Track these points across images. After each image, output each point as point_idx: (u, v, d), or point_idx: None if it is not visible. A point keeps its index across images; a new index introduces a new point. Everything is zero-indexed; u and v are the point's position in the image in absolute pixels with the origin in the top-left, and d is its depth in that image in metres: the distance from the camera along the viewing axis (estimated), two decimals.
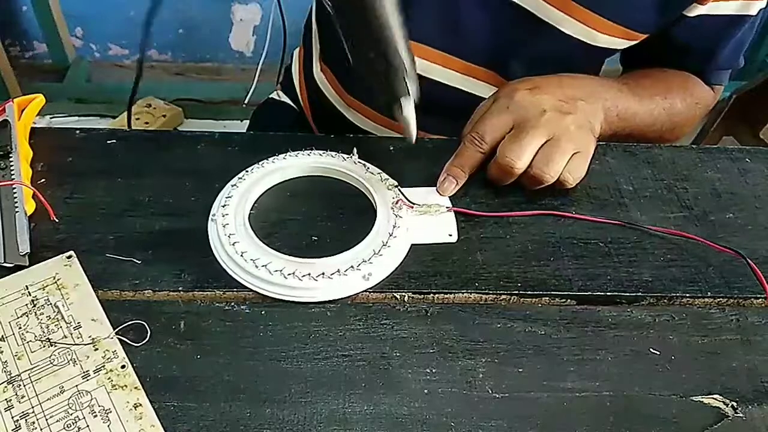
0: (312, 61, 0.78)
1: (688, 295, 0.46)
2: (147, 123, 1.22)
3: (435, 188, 0.52)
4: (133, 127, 1.07)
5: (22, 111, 0.52)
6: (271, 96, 0.90)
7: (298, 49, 0.86)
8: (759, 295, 0.45)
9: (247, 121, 0.93)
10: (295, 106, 0.85)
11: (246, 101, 1.69)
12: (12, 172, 0.48)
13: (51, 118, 0.87)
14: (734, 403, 0.40)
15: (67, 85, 1.83)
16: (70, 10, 1.83)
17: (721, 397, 0.40)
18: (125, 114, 1.12)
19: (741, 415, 0.39)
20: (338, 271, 0.44)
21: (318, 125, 0.81)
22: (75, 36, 1.92)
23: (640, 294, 0.45)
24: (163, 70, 1.94)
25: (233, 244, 0.45)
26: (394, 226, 0.47)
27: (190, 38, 1.89)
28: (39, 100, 0.53)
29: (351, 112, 0.73)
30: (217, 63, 1.96)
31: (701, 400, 0.40)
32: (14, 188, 0.47)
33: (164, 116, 1.41)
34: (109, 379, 0.38)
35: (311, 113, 0.82)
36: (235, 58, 1.96)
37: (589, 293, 0.45)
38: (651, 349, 0.43)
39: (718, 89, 0.70)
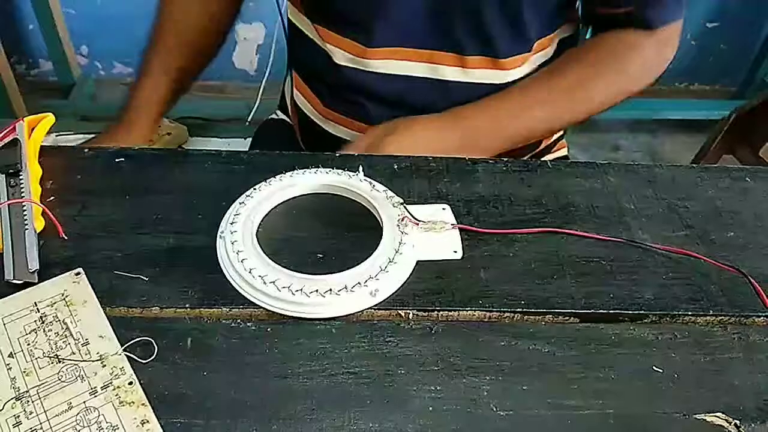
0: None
1: (690, 313, 0.46)
2: (152, 141, 1.24)
3: (440, 205, 0.52)
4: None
5: (32, 130, 0.53)
6: (271, 116, 0.91)
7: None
8: (761, 314, 0.46)
9: (251, 139, 0.94)
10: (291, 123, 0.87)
11: (249, 119, 1.70)
12: (22, 190, 0.48)
13: (57, 135, 0.88)
14: (737, 422, 0.40)
15: (72, 102, 1.84)
16: (75, 28, 1.85)
17: (724, 416, 0.40)
18: None
19: None
20: (345, 287, 0.45)
21: (304, 142, 0.83)
22: (80, 54, 1.94)
23: (642, 312, 0.46)
24: None
25: (242, 261, 0.45)
26: (400, 243, 0.48)
27: None
28: (49, 119, 0.54)
29: (329, 124, 0.75)
30: (221, 81, 1.98)
31: (704, 418, 0.40)
32: (24, 206, 0.47)
33: (169, 134, 1.43)
34: (116, 395, 0.39)
35: (299, 130, 0.83)
36: (239, 76, 1.98)
37: (592, 311, 0.46)
38: (654, 367, 0.43)
39: (670, 29, 0.68)
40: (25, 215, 0.47)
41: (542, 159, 0.80)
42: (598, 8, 0.69)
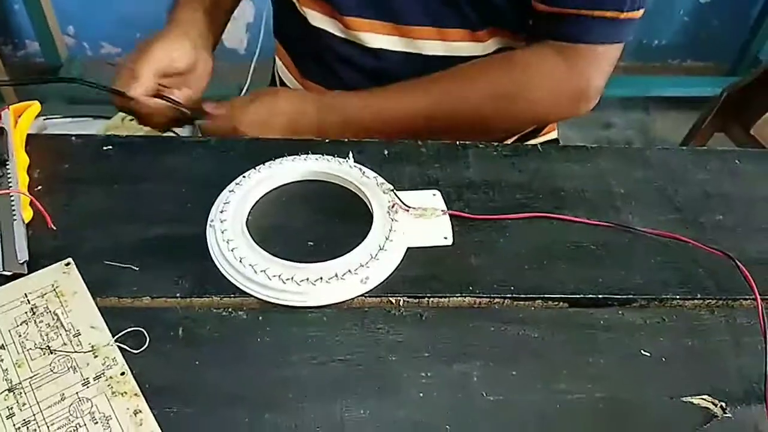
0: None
1: (678, 297, 0.46)
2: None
3: (430, 191, 0.52)
4: (127, 127, 1.07)
5: (18, 118, 0.53)
6: None
7: None
8: (748, 297, 0.46)
9: None
10: None
11: None
12: (9, 180, 0.48)
13: (44, 119, 0.87)
14: (723, 404, 0.41)
15: (60, 84, 1.82)
16: (62, 8, 1.82)
17: (710, 398, 0.41)
18: (119, 115, 1.12)
19: (730, 415, 0.40)
20: (336, 275, 0.45)
21: None
22: (67, 34, 1.91)
23: (631, 296, 0.46)
24: None
25: (232, 250, 0.45)
26: (390, 230, 0.48)
27: None
28: (35, 107, 0.54)
29: None
30: None
31: (691, 401, 0.41)
32: (11, 196, 0.47)
33: None
34: (109, 386, 0.39)
35: None
36: (229, 56, 1.95)
37: (582, 296, 0.46)
38: (642, 351, 0.43)
39: (593, 50, 0.61)
40: (13, 206, 0.46)
41: (532, 142, 0.81)
42: (535, 2, 0.62)
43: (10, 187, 0.47)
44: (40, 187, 0.50)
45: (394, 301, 0.45)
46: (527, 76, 0.64)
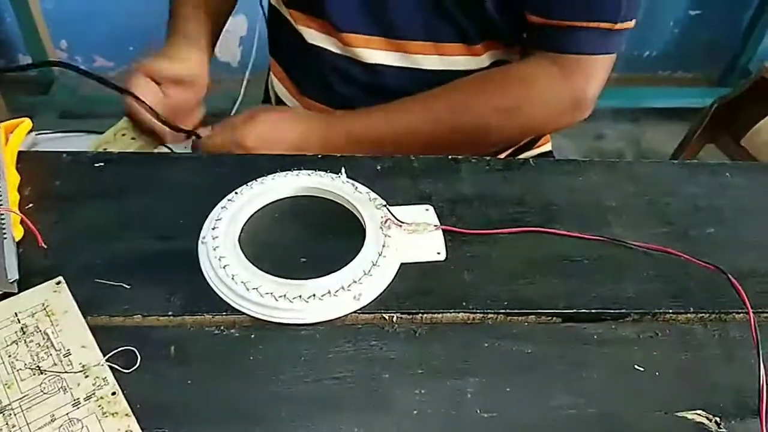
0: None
1: (671, 311, 0.47)
2: (134, 139, 1.23)
3: (423, 206, 0.52)
4: (119, 143, 1.06)
5: (9, 135, 0.52)
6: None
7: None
8: (740, 310, 0.46)
9: None
10: None
11: (233, 113, 1.69)
12: None
13: (36, 135, 0.86)
14: (717, 419, 0.41)
15: (52, 97, 1.82)
16: (54, 21, 1.82)
17: (704, 413, 0.41)
18: (111, 130, 1.12)
19: (724, 430, 0.40)
20: (329, 292, 0.45)
21: None
22: (60, 48, 1.91)
23: (624, 311, 0.46)
24: None
25: (224, 267, 0.45)
26: (383, 246, 0.48)
27: None
28: (26, 124, 0.53)
29: None
30: None
31: (685, 415, 0.41)
32: (2, 215, 0.47)
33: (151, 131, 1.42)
34: (99, 406, 0.39)
35: None
36: (222, 69, 1.96)
37: (574, 311, 0.46)
38: (636, 366, 0.43)
39: (587, 60, 0.62)
40: (3, 224, 0.46)
41: (525, 155, 0.81)
42: (530, 14, 0.63)
43: (1, 205, 0.47)
44: (31, 205, 0.50)
45: (387, 318, 0.45)
46: (526, 89, 0.65)
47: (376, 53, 0.68)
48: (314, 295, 0.44)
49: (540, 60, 0.64)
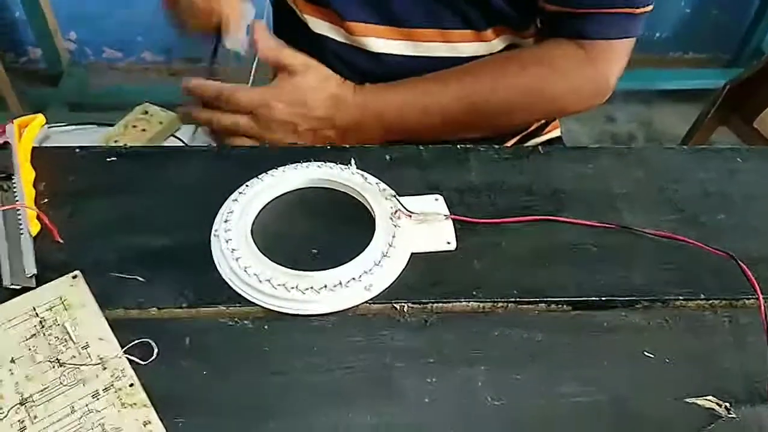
0: None
1: (681, 297, 0.47)
2: (144, 130, 1.23)
3: (432, 196, 0.53)
4: (129, 135, 1.07)
5: (23, 131, 0.53)
6: None
7: None
8: (751, 296, 0.46)
9: None
10: None
11: None
12: (15, 194, 0.48)
13: (48, 128, 0.87)
14: (728, 404, 0.41)
15: (62, 89, 1.83)
16: (63, 13, 1.83)
17: (714, 399, 0.41)
18: (122, 122, 1.12)
19: (734, 415, 0.40)
20: (340, 282, 0.45)
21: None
22: (69, 40, 1.91)
23: (634, 298, 0.46)
24: (157, 73, 1.94)
25: (236, 260, 0.46)
26: (393, 236, 0.48)
27: (183, 39, 1.89)
28: (39, 119, 0.54)
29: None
30: None
31: (695, 401, 0.41)
32: (18, 210, 0.47)
33: (161, 123, 1.42)
34: (118, 397, 0.39)
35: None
36: (230, 58, 1.96)
37: (584, 298, 0.46)
38: (646, 353, 0.44)
39: (611, 45, 0.64)
40: (20, 220, 0.47)
41: (534, 142, 0.81)
42: (545, 4, 0.64)
43: (16, 201, 0.48)
44: (46, 200, 0.51)
45: (398, 308, 0.45)
46: (553, 71, 0.65)
47: (381, 42, 0.67)
48: (326, 286, 0.45)
49: (566, 44, 0.65)
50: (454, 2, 0.64)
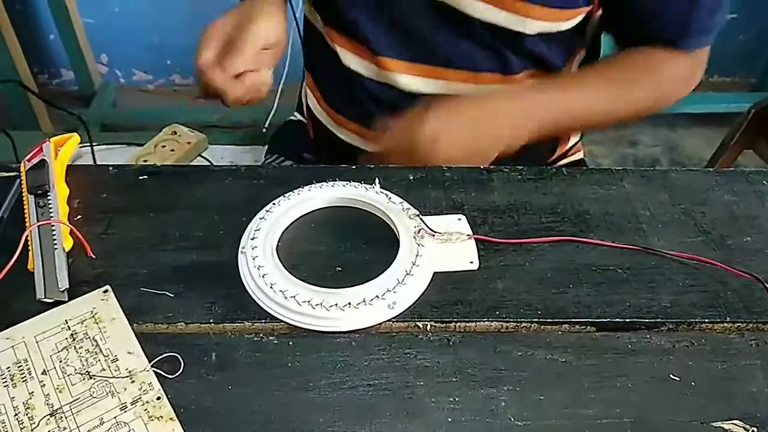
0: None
1: (707, 320, 0.46)
2: (173, 150, 1.27)
3: (456, 216, 0.53)
4: (158, 155, 1.10)
5: (59, 150, 0.55)
6: (289, 117, 0.93)
7: None
8: None
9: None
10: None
11: (266, 124, 1.72)
12: (50, 210, 0.50)
13: (80, 147, 0.89)
14: (755, 429, 0.40)
15: (93, 110, 1.87)
16: (95, 37, 1.88)
17: (741, 423, 0.41)
18: (151, 141, 1.15)
19: None
20: (364, 300, 0.46)
21: (318, 145, 0.84)
22: (101, 63, 1.97)
23: (659, 320, 0.46)
24: (185, 95, 1.98)
25: (263, 276, 0.47)
26: (416, 255, 0.49)
27: None
28: (75, 138, 0.56)
29: (340, 130, 0.76)
30: None
31: (722, 425, 0.41)
32: (53, 226, 0.49)
33: (189, 143, 1.46)
34: (145, 410, 0.40)
35: (312, 133, 0.84)
36: None
37: (609, 320, 0.46)
38: (671, 375, 0.43)
39: (698, 54, 0.69)
40: (54, 235, 0.48)
41: (558, 164, 0.81)
42: (633, 37, 0.69)
43: (52, 216, 0.50)
44: (79, 217, 0.52)
45: (421, 326, 0.46)
46: (669, 81, 0.69)
47: (409, 78, 0.68)
48: (350, 304, 0.45)
49: (678, 55, 0.68)
50: (495, 47, 0.65)
